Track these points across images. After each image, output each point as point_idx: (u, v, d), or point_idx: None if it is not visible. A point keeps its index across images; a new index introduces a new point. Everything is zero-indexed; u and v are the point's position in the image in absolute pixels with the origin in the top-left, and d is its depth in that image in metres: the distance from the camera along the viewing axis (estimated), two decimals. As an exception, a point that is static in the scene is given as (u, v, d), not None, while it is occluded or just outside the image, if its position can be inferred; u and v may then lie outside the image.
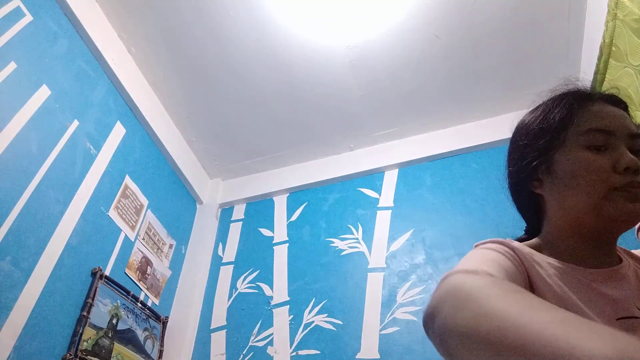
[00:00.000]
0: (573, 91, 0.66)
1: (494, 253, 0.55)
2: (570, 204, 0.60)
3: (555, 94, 0.68)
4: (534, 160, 0.65)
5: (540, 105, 0.69)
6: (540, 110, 0.68)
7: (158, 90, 2.06)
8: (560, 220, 0.62)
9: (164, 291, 1.90)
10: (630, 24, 1.32)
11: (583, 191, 0.58)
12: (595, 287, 0.55)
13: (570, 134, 0.61)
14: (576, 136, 0.61)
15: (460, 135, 2.15)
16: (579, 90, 0.66)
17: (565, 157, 0.61)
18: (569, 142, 0.61)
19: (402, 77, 2.00)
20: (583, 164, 0.58)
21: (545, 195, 0.65)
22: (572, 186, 0.59)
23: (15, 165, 1.27)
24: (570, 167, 0.60)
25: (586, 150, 0.59)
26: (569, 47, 1.85)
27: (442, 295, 0.44)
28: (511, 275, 0.51)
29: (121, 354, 1.50)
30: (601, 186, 0.56)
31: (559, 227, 0.63)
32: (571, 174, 0.59)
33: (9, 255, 1.18)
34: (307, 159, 2.37)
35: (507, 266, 0.53)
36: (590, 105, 0.62)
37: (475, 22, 1.80)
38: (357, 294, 1.81)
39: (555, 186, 0.62)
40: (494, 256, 0.54)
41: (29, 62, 1.41)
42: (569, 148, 0.61)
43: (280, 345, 1.75)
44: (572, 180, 0.59)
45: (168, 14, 1.78)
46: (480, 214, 1.86)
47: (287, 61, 1.93)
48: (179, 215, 2.17)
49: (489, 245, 0.59)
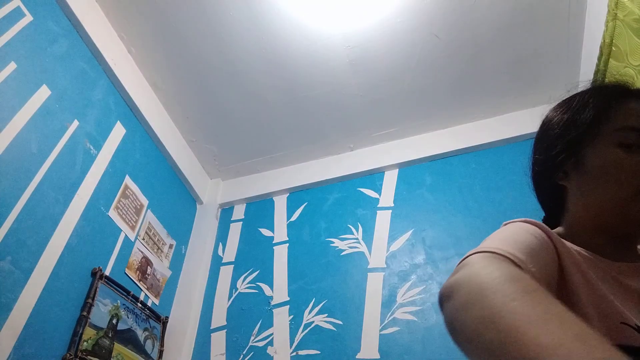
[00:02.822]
0: (611, 85, 0.65)
1: (526, 234, 0.52)
2: (595, 200, 0.59)
3: (593, 86, 0.66)
4: (564, 151, 0.63)
5: (575, 96, 0.67)
6: (575, 101, 0.66)
7: (158, 90, 2.06)
8: (582, 214, 0.62)
9: (164, 291, 1.90)
10: (630, 24, 1.32)
11: (610, 189, 0.57)
12: (621, 280, 0.54)
13: (603, 130, 0.60)
14: (609, 132, 0.59)
15: (460, 135, 2.15)
16: (617, 84, 0.65)
17: (596, 153, 0.60)
18: (601, 137, 0.60)
19: (402, 77, 2.00)
20: (614, 161, 0.57)
21: (570, 188, 0.64)
22: (600, 183, 0.58)
23: (15, 165, 1.27)
24: (600, 163, 0.59)
25: (618, 147, 0.58)
26: (569, 47, 1.85)
27: (458, 281, 0.42)
28: (541, 259, 0.49)
29: (121, 354, 1.50)
30: (629, 186, 0.55)
31: (580, 220, 0.62)
32: (600, 170, 0.58)
33: (9, 255, 1.18)
34: (307, 159, 2.37)
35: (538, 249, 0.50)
36: (626, 102, 0.61)
37: (475, 22, 1.80)
38: (357, 294, 1.81)
39: (582, 181, 0.61)
40: (525, 237, 0.51)
41: (29, 62, 1.41)
42: (601, 144, 0.60)
43: (280, 345, 1.75)
44: (600, 177, 0.58)
45: (168, 14, 1.78)
46: (480, 214, 1.86)
47: (287, 61, 1.93)
48: (179, 215, 2.17)
49: (521, 224, 0.55)
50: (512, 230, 0.53)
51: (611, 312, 0.49)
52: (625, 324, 0.48)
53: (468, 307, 0.38)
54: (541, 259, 0.49)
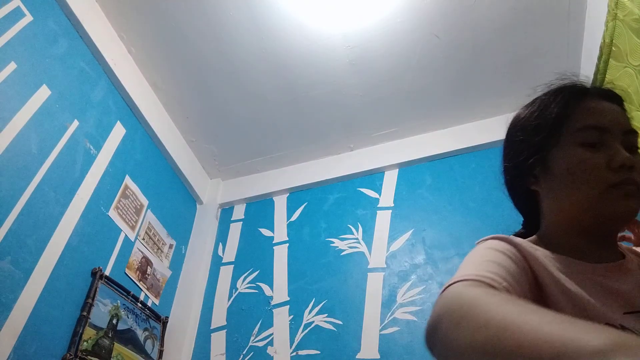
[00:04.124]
0: (569, 86, 0.65)
1: (495, 253, 0.55)
2: (566, 201, 0.60)
3: (551, 89, 0.67)
4: (530, 157, 0.64)
5: (536, 100, 0.68)
6: (536, 106, 0.67)
7: (158, 90, 2.06)
8: (556, 217, 0.62)
9: (164, 291, 1.90)
10: (630, 24, 1.31)
11: (579, 189, 0.58)
12: (600, 281, 0.55)
13: (565, 131, 0.61)
14: (571, 133, 0.60)
15: (460, 135, 2.15)
16: (575, 85, 0.66)
17: (561, 154, 0.60)
18: (564, 139, 0.61)
19: (402, 77, 2.00)
20: (578, 162, 0.58)
21: (542, 192, 0.65)
22: (568, 184, 0.59)
23: (15, 165, 1.27)
24: (565, 164, 0.59)
25: (581, 147, 0.59)
26: (569, 47, 1.85)
27: (440, 312, 0.44)
28: (513, 274, 0.51)
29: (121, 354, 1.50)
30: (597, 184, 0.56)
31: (556, 223, 0.63)
32: (566, 171, 0.59)
33: (9, 255, 1.18)
34: (307, 159, 2.37)
35: (508, 266, 0.52)
36: (585, 102, 0.62)
37: (475, 22, 1.80)
38: (357, 294, 1.81)
39: (551, 183, 0.62)
40: (495, 256, 0.54)
41: (29, 62, 1.41)
42: (565, 145, 0.60)
43: (280, 345, 1.75)
44: (567, 178, 0.59)
45: (168, 14, 1.78)
46: (480, 214, 1.86)
47: (287, 61, 1.93)
48: (179, 215, 2.17)
49: (491, 243, 0.58)
50: (482, 253, 0.55)
51: (594, 315, 0.50)
52: (609, 324, 0.48)
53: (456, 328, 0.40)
54: (513, 275, 0.51)
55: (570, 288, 0.52)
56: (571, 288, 0.52)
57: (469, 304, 0.41)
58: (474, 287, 0.44)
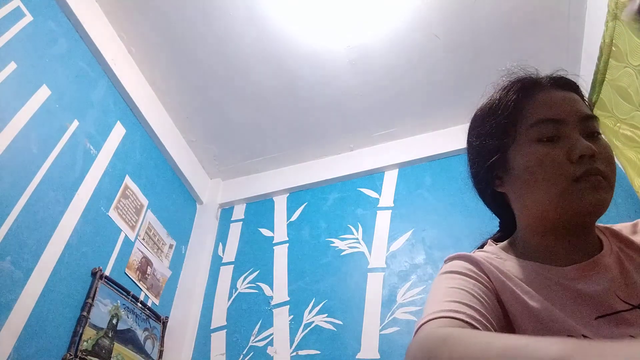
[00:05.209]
0: (517, 81, 0.63)
1: (459, 278, 0.55)
2: (531, 201, 0.58)
3: (499, 86, 0.65)
4: (489, 160, 0.62)
5: (488, 100, 0.66)
6: (488, 107, 0.65)
7: (158, 90, 2.06)
8: (525, 218, 0.60)
9: (164, 291, 1.90)
10: (630, 24, 1.31)
11: (541, 187, 0.55)
12: (570, 287, 0.53)
13: (520, 129, 0.59)
14: (526, 130, 0.58)
15: (460, 135, 2.12)
16: (524, 78, 0.63)
17: (519, 153, 0.58)
18: (520, 137, 0.59)
19: (402, 77, 2.00)
20: (537, 159, 0.55)
21: (508, 193, 0.63)
22: (530, 183, 0.56)
23: (15, 165, 1.27)
24: (524, 163, 0.57)
25: (538, 143, 0.56)
26: (569, 47, 1.85)
27: (414, 355, 0.45)
28: (479, 297, 0.51)
29: (121, 354, 1.50)
30: (559, 179, 0.53)
31: (526, 225, 0.61)
32: (526, 170, 0.57)
33: (9, 255, 1.18)
34: (307, 159, 2.37)
35: (472, 289, 0.52)
36: (536, 94, 0.60)
37: (475, 22, 1.80)
38: (357, 294, 1.81)
39: (514, 184, 0.60)
40: (459, 283, 0.54)
41: (29, 62, 1.41)
42: (521, 143, 0.58)
43: (280, 345, 1.75)
44: (529, 177, 0.56)
45: (168, 14, 1.78)
46: (480, 214, 1.85)
47: (287, 61, 1.93)
48: (179, 215, 2.17)
49: (455, 264, 0.58)
50: (447, 281, 0.55)
51: (556, 329, 0.49)
52: (571, 336, 0.47)
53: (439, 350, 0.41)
54: (479, 295, 0.51)
55: (533, 304, 0.51)
56: (533, 304, 0.51)
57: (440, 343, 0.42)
58: (441, 328, 0.46)
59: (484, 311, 0.49)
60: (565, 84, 0.62)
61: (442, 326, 0.46)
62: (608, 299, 0.51)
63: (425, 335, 0.45)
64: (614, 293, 0.51)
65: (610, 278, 0.53)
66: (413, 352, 0.44)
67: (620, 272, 0.54)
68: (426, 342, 0.43)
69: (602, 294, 0.51)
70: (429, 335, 0.44)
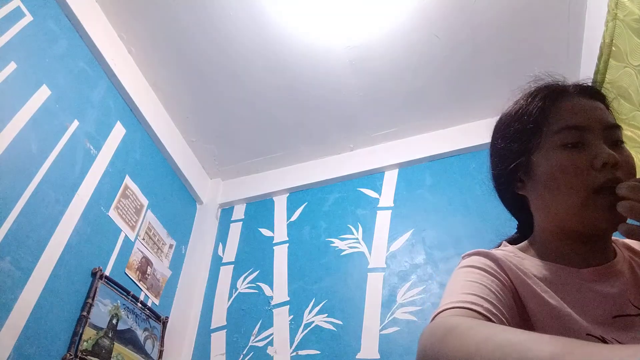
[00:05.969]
0: (545, 87, 0.64)
1: (477, 273, 0.55)
2: (552, 206, 0.58)
3: (527, 92, 0.66)
4: (513, 163, 0.63)
5: (514, 105, 0.67)
6: (514, 111, 0.66)
7: (158, 90, 2.06)
8: (545, 222, 0.61)
9: (164, 291, 1.90)
10: (630, 24, 1.32)
11: (563, 193, 0.56)
12: (588, 287, 0.54)
13: (545, 134, 0.59)
14: (551, 136, 0.59)
15: (460, 135, 2.15)
16: (551, 85, 0.64)
17: (543, 159, 0.59)
18: (545, 142, 0.59)
19: (402, 77, 2.00)
20: (560, 164, 0.56)
21: (529, 196, 0.64)
22: (552, 188, 0.57)
23: (15, 165, 1.27)
24: (548, 168, 0.58)
25: (562, 149, 0.57)
26: (569, 47, 1.85)
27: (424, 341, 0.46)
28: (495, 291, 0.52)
29: (121, 354, 1.50)
30: (580, 188, 0.54)
31: (544, 228, 0.62)
32: (549, 175, 0.57)
33: (9, 255, 1.18)
34: (307, 159, 2.37)
35: (489, 283, 0.53)
36: (563, 101, 0.60)
37: (475, 22, 1.80)
38: (357, 294, 1.81)
39: (536, 188, 0.61)
40: (476, 277, 0.54)
41: (29, 62, 1.41)
42: (546, 149, 0.59)
43: (280, 345, 1.75)
44: (551, 182, 0.57)
45: (168, 14, 1.78)
46: (480, 214, 1.86)
47: (287, 61, 1.93)
48: (179, 215, 2.17)
49: (472, 260, 0.59)
50: (465, 274, 0.56)
51: (573, 326, 0.49)
52: (590, 335, 0.48)
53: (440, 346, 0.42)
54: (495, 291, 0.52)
55: (552, 302, 0.52)
56: (552, 302, 0.52)
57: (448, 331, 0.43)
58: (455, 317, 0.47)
59: (500, 306, 0.50)
60: (592, 93, 0.63)
61: (456, 315, 0.47)
62: (622, 302, 0.53)
63: (437, 323, 0.46)
64: (627, 297, 0.53)
65: (624, 282, 0.55)
66: (424, 337, 0.45)
67: (633, 279, 0.56)
68: (436, 329, 0.44)
69: (617, 297, 0.53)
70: (440, 323, 0.45)
